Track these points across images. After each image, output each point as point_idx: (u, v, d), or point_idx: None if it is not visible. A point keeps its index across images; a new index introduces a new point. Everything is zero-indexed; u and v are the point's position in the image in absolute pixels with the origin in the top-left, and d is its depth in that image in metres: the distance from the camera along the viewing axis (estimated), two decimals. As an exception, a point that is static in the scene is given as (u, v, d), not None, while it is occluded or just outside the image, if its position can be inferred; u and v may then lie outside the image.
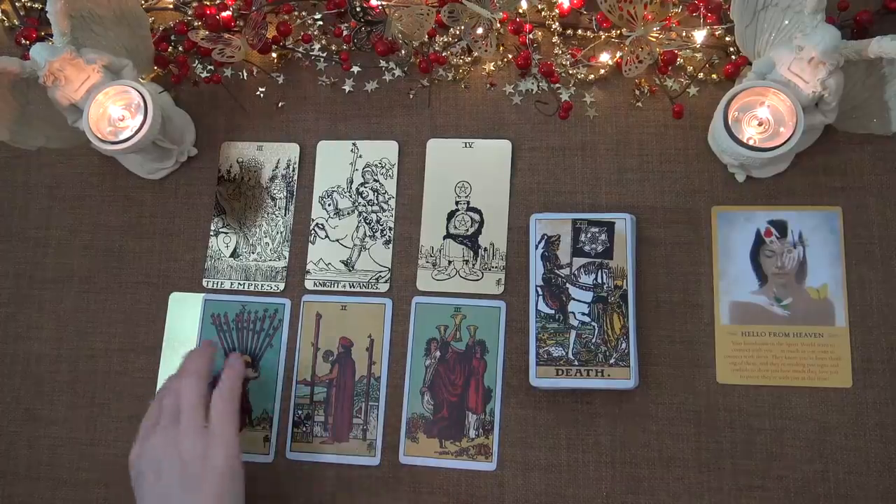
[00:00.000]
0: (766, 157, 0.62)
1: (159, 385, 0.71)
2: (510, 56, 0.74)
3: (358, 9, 0.72)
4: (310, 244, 0.73)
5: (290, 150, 0.75)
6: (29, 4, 0.81)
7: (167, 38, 0.78)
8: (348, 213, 0.73)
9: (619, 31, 0.72)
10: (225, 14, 0.75)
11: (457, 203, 0.72)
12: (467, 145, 0.73)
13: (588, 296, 0.66)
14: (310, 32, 0.76)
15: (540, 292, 0.67)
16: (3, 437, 0.73)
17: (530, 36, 0.74)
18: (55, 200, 0.77)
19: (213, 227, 0.75)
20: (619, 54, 0.72)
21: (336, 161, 0.75)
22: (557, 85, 0.73)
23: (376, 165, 0.74)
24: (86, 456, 0.71)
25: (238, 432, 0.62)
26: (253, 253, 0.73)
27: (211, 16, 0.74)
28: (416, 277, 0.71)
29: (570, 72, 0.73)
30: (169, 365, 0.72)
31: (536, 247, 0.68)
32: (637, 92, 0.73)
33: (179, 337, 0.73)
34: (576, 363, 0.65)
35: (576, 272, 0.67)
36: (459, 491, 0.67)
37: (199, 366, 0.64)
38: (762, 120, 0.64)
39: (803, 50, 0.60)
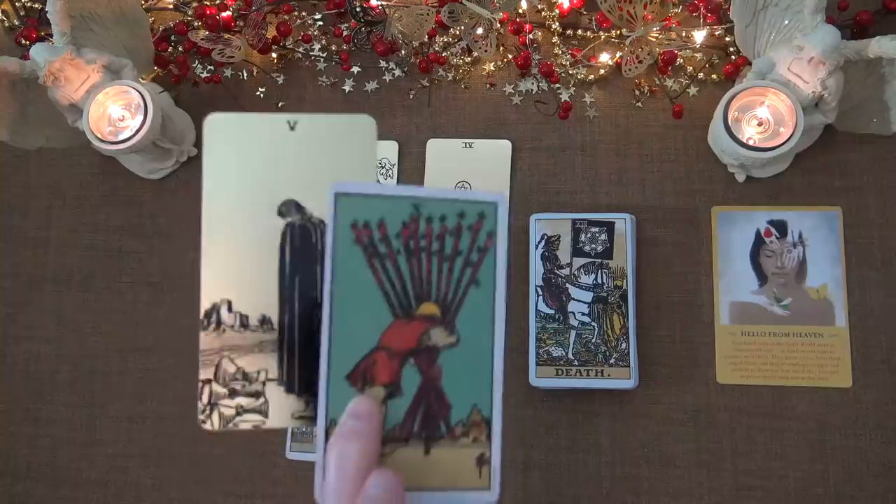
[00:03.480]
0: (766, 157, 0.62)
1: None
2: (510, 56, 0.74)
3: (358, 9, 0.72)
4: (310, 244, 0.73)
5: (291, 150, 0.75)
6: (29, 4, 0.81)
7: (167, 38, 0.78)
8: (348, 213, 0.73)
9: (619, 31, 0.72)
10: (225, 14, 0.75)
11: (457, 203, 0.72)
12: (467, 145, 0.73)
13: (588, 296, 0.66)
14: (310, 32, 0.76)
15: (540, 292, 0.67)
16: (3, 437, 0.73)
17: (530, 36, 0.74)
18: (55, 200, 0.77)
19: (213, 227, 0.74)
20: (619, 54, 0.72)
21: (336, 161, 0.74)
22: (557, 85, 0.73)
23: (376, 165, 0.74)
24: (86, 456, 0.71)
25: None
26: (253, 253, 0.73)
27: (211, 16, 0.74)
28: (416, 277, 0.71)
29: (570, 72, 0.73)
30: (216, 260, 0.42)
31: (536, 247, 0.68)
32: (637, 92, 0.73)
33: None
34: (576, 363, 0.65)
35: (576, 272, 0.67)
36: (459, 491, 0.67)
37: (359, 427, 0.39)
38: (762, 120, 0.64)
39: (803, 50, 0.60)
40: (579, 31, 0.74)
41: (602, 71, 0.73)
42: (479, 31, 0.71)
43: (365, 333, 0.38)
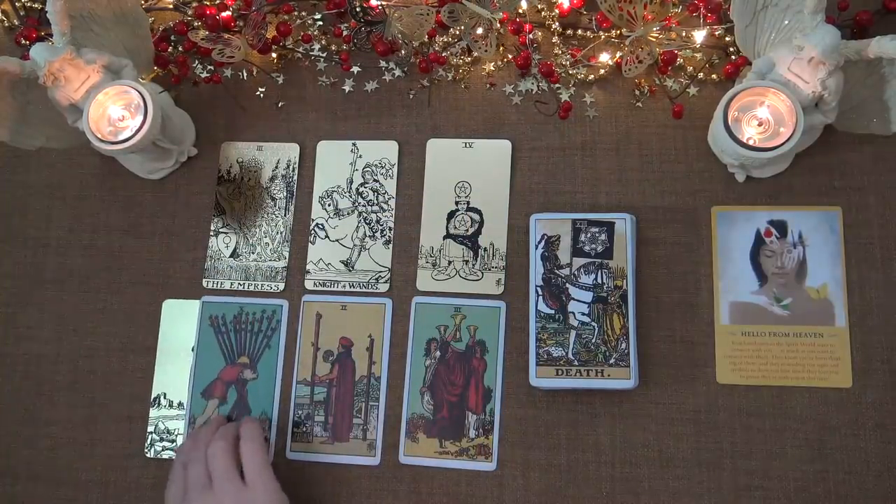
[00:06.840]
0: (766, 157, 0.62)
1: (155, 387, 0.71)
2: (510, 56, 0.74)
3: (358, 9, 0.72)
4: (310, 244, 0.73)
5: (290, 150, 0.75)
6: (29, 4, 0.81)
7: (167, 38, 0.78)
8: (348, 213, 0.73)
9: (619, 31, 0.72)
10: (225, 14, 0.75)
11: (457, 203, 0.72)
12: (467, 145, 0.73)
13: (588, 296, 0.66)
14: (310, 32, 0.76)
15: (540, 292, 0.67)
16: (3, 437, 0.73)
17: (530, 36, 0.74)
18: (55, 200, 0.77)
19: (213, 227, 0.75)
20: (619, 54, 0.72)
21: (336, 161, 0.75)
22: (557, 85, 0.73)
23: (376, 165, 0.74)
24: (86, 456, 0.71)
25: (276, 480, 0.62)
26: (253, 253, 0.74)
27: (211, 16, 0.74)
28: (416, 277, 0.71)
29: (570, 72, 0.73)
30: (163, 373, 0.72)
31: (536, 247, 0.68)
32: (637, 92, 0.73)
33: (174, 343, 0.72)
34: (576, 363, 0.65)
35: (576, 272, 0.67)
36: (459, 491, 0.67)
37: (224, 431, 0.64)
38: (762, 120, 0.64)
39: (803, 50, 0.60)
40: (579, 31, 0.74)
41: (602, 71, 0.73)
42: (479, 31, 0.71)
43: (211, 371, 0.71)
